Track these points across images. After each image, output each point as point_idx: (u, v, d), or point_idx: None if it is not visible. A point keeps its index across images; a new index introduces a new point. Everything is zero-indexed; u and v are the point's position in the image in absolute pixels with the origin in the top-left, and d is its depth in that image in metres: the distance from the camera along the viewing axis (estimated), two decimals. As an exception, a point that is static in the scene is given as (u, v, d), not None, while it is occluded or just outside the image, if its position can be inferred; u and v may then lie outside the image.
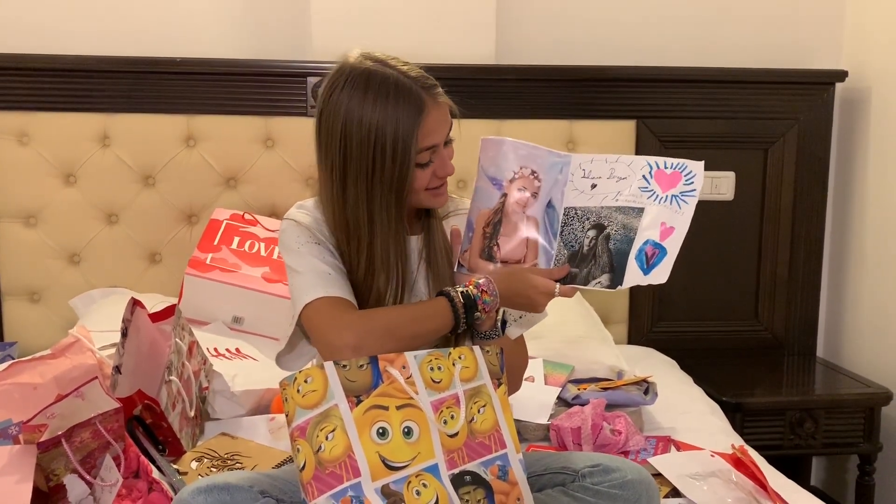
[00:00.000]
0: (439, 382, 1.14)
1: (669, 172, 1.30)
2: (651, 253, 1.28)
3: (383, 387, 1.10)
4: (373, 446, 1.07)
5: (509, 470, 1.16)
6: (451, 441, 1.12)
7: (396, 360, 1.12)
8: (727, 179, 2.44)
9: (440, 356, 1.15)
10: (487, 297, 1.23)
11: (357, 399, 1.08)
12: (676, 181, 1.30)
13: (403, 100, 1.22)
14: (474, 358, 1.19)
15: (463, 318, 1.23)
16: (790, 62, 2.48)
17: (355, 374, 1.09)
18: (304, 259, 1.28)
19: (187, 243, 2.25)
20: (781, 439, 2.16)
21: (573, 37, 2.43)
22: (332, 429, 1.06)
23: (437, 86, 1.27)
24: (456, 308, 1.22)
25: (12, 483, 1.25)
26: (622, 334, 2.45)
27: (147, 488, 1.33)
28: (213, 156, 2.27)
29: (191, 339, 1.71)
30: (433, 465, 1.10)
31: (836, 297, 2.56)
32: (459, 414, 1.13)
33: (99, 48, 2.25)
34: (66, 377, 1.52)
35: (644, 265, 1.27)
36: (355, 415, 1.07)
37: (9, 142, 2.20)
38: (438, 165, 1.27)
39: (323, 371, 1.07)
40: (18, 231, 2.23)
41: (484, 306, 1.23)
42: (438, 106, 1.26)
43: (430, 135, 1.25)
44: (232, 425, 1.68)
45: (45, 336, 2.21)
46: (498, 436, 1.17)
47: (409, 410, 1.10)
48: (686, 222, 1.28)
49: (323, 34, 2.25)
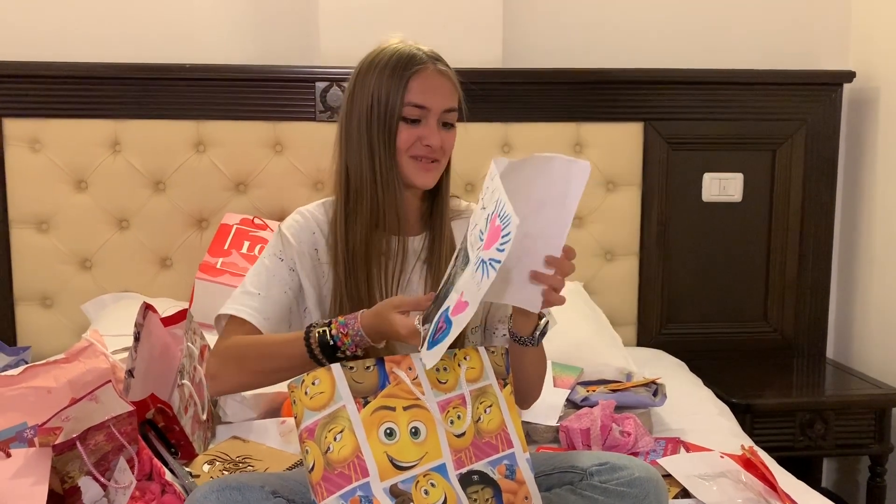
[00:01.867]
0: (445, 383, 1.14)
1: (497, 224, 1.02)
2: (440, 327, 1.06)
3: (390, 388, 1.10)
4: (381, 447, 1.07)
5: (517, 469, 1.16)
6: (458, 441, 1.12)
7: (403, 362, 1.13)
8: (735, 181, 2.44)
9: (445, 357, 1.15)
10: (348, 339, 1.16)
11: (364, 400, 1.09)
12: (495, 239, 1.02)
13: (402, 58, 1.30)
14: (480, 359, 1.19)
15: (321, 359, 1.18)
16: (798, 63, 2.48)
17: (362, 375, 1.10)
18: (255, 269, 1.34)
19: (198, 248, 2.27)
20: (792, 441, 2.16)
21: (580, 39, 2.44)
22: (340, 430, 1.06)
23: (443, 60, 1.32)
24: (311, 349, 1.18)
25: (28, 485, 1.26)
26: (631, 336, 2.45)
27: (160, 490, 1.34)
28: (223, 161, 2.29)
29: (202, 342, 1.73)
30: (441, 464, 1.10)
31: (846, 298, 2.56)
32: (466, 414, 1.14)
33: (109, 55, 2.27)
34: (80, 381, 1.53)
35: (433, 336, 1.07)
36: (363, 415, 1.08)
37: (21, 148, 2.22)
38: (425, 132, 1.29)
39: (330, 373, 1.08)
40: (31, 236, 2.25)
41: (346, 347, 1.17)
42: (437, 73, 1.30)
43: (420, 92, 1.28)
44: (243, 428, 1.69)
45: (57, 340, 2.22)
46: (505, 435, 1.17)
47: (416, 411, 1.11)
48: (479, 299, 1.01)
49: (331, 39, 2.27)
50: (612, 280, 2.43)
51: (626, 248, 2.43)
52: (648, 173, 2.40)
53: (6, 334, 2.25)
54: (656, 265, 2.44)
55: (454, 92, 1.33)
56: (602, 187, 2.40)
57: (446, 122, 1.32)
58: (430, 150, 1.29)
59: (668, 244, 2.43)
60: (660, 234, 2.42)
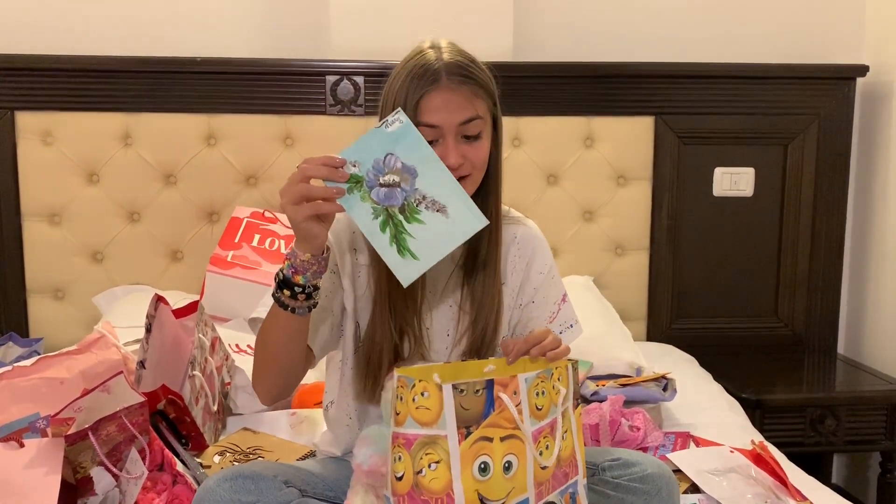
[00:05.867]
0: (541, 410, 1.09)
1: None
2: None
3: (493, 416, 1.05)
4: (473, 484, 1.03)
5: (577, 497, 1.14)
6: (542, 473, 1.08)
7: (509, 385, 1.06)
8: (747, 175, 2.43)
9: (545, 378, 1.10)
10: (300, 277, 1.14)
11: (467, 430, 1.03)
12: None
13: (420, 71, 1.22)
14: (568, 378, 1.14)
15: (293, 305, 1.15)
16: (810, 57, 2.46)
17: (470, 400, 1.04)
18: None
19: (208, 241, 2.28)
20: (802, 436, 2.15)
21: (591, 33, 2.43)
22: (437, 460, 1.02)
23: (464, 67, 1.22)
24: (280, 301, 1.15)
25: (41, 475, 1.27)
26: (641, 331, 2.45)
27: (171, 481, 1.35)
28: (234, 154, 2.29)
29: (213, 334, 1.74)
30: (525, 499, 1.06)
31: (857, 294, 2.54)
32: (553, 444, 1.09)
33: (121, 49, 2.28)
34: (93, 372, 1.54)
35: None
36: (462, 449, 1.03)
37: (33, 142, 2.23)
38: (443, 152, 1.20)
39: (440, 392, 1.02)
40: (43, 229, 2.26)
41: (305, 281, 1.14)
42: (449, 87, 1.21)
43: (432, 112, 1.20)
44: (254, 420, 1.70)
45: (69, 332, 2.24)
46: (574, 462, 1.14)
47: (512, 443, 1.06)
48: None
49: (341, 33, 2.27)
50: (623, 275, 2.43)
51: (637, 243, 2.43)
52: (659, 167, 2.40)
53: (19, 326, 2.27)
54: (667, 260, 2.43)
55: (469, 103, 1.22)
56: (613, 181, 2.39)
57: (467, 135, 1.23)
58: (453, 170, 1.19)
59: (678, 239, 2.42)
60: (670, 228, 2.42)
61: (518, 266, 1.36)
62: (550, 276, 1.38)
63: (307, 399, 1.76)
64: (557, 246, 2.39)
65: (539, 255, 1.37)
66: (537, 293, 1.37)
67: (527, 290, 1.37)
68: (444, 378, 1.04)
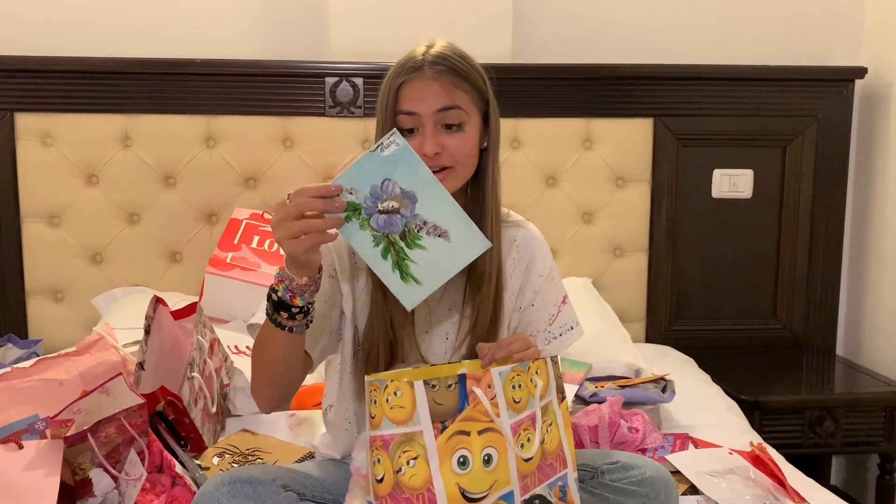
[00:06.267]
0: (518, 402, 1.09)
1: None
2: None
3: (468, 410, 1.05)
4: (453, 477, 1.03)
5: (567, 490, 1.13)
6: (525, 466, 1.08)
7: (483, 379, 1.07)
8: (745, 177, 2.43)
9: (521, 371, 1.10)
10: (298, 299, 1.14)
11: (442, 425, 1.03)
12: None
13: (405, 62, 1.23)
14: (547, 372, 1.14)
15: (288, 325, 1.15)
16: (809, 59, 2.47)
17: (443, 395, 1.04)
18: None
19: (208, 242, 2.28)
20: (801, 438, 2.15)
21: (590, 35, 2.44)
22: (415, 456, 1.02)
23: (445, 65, 1.22)
24: (275, 321, 1.15)
25: (40, 477, 1.27)
26: (640, 332, 2.45)
27: (170, 482, 1.35)
28: (233, 156, 2.29)
29: (212, 336, 1.74)
30: (509, 492, 1.06)
31: (856, 295, 2.54)
32: (535, 437, 1.09)
33: (120, 50, 2.28)
34: (92, 373, 1.54)
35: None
36: (439, 443, 1.03)
37: (32, 143, 2.23)
38: (418, 141, 1.20)
39: (412, 389, 1.03)
40: (42, 231, 2.26)
41: (301, 303, 1.14)
42: (432, 78, 1.20)
43: (410, 100, 1.21)
44: (253, 421, 1.70)
45: (68, 334, 2.24)
46: (561, 455, 1.14)
47: (490, 435, 1.06)
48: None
49: (341, 35, 2.27)
50: (621, 276, 2.43)
51: (636, 245, 2.43)
52: (658, 169, 2.40)
53: (18, 327, 2.27)
54: (665, 261, 2.43)
55: (448, 92, 1.21)
56: (611, 183, 2.40)
57: (448, 125, 1.22)
58: (430, 158, 1.18)
59: (677, 240, 2.43)
60: (669, 230, 2.42)
61: (518, 269, 1.36)
62: (550, 279, 1.38)
63: (306, 400, 1.76)
64: (556, 247, 2.39)
65: (539, 258, 1.37)
66: (537, 296, 1.37)
67: (527, 293, 1.37)
68: (416, 379, 1.04)
